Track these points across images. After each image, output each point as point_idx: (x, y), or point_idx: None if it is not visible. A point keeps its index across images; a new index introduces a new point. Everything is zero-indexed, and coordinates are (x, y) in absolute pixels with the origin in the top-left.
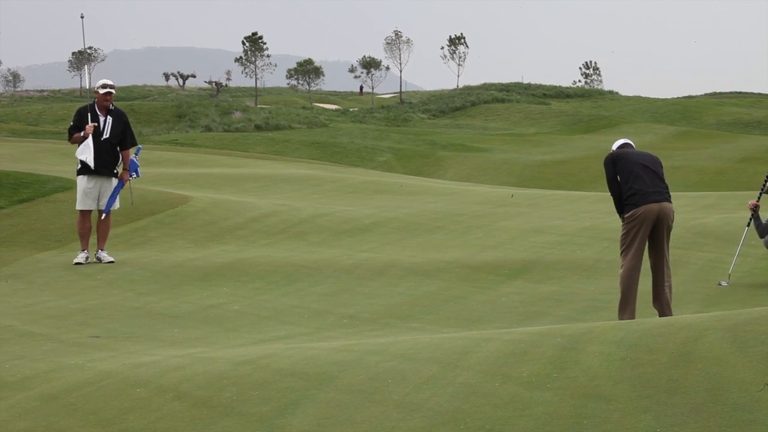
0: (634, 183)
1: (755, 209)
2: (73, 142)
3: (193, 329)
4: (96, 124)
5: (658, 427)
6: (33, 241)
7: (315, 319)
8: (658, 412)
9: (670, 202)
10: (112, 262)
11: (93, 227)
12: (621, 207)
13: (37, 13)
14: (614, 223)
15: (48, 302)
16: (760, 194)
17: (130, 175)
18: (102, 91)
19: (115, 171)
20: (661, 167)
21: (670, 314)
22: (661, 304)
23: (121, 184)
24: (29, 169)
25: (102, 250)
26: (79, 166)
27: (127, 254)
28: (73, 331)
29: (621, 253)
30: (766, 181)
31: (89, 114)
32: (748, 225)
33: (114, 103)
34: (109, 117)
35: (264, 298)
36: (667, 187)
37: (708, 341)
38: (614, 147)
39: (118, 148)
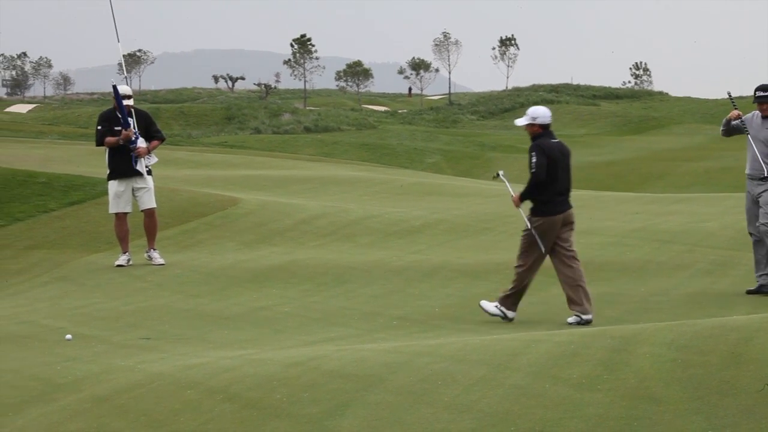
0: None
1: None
2: (107, 145)
3: (243, 331)
4: (134, 130)
5: (710, 428)
6: (83, 243)
7: (365, 321)
8: (709, 414)
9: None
10: (163, 264)
11: (132, 229)
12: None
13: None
14: (665, 224)
15: (98, 304)
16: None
17: (148, 158)
18: (123, 102)
19: (147, 168)
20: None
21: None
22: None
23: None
24: (79, 172)
25: (153, 249)
26: (109, 171)
27: (177, 256)
28: (123, 332)
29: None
30: (731, 99)
31: (116, 117)
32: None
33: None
34: (131, 119)
35: (313, 299)
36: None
37: (759, 342)
38: (537, 118)
39: (146, 143)
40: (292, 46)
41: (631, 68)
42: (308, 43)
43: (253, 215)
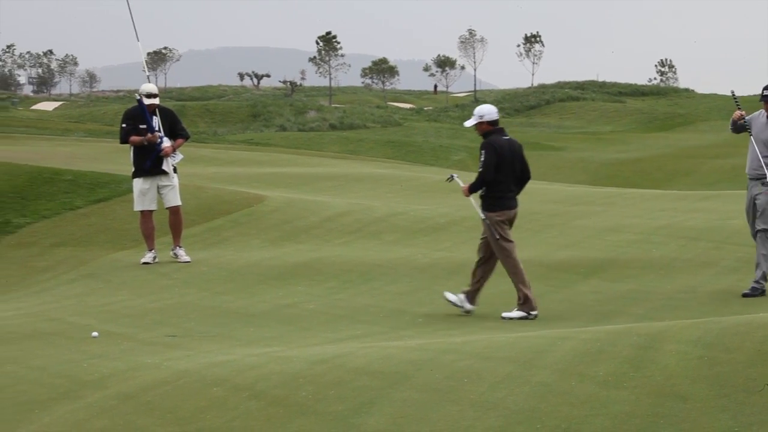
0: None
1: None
2: (131, 144)
3: (268, 328)
4: (160, 134)
5: (736, 426)
6: (109, 240)
7: (390, 318)
8: (736, 411)
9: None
10: (188, 262)
11: (157, 227)
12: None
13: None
14: (691, 221)
15: (124, 301)
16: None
17: (173, 157)
18: (147, 101)
19: (173, 166)
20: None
21: None
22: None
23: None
24: (105, 169)
25: (180, 246)
26: (134, 169)
27: (203, 253)
28: (149, 330)
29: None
30: (735, 98)
31: (141, 115)
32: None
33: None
34: (156, 117)
35: (339, 297)
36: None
37: None
38: (484, 116)
39: (170, 142)
40: (317, 43)
41: (656, 65)
42: (333, 40)
43: (279, 212)
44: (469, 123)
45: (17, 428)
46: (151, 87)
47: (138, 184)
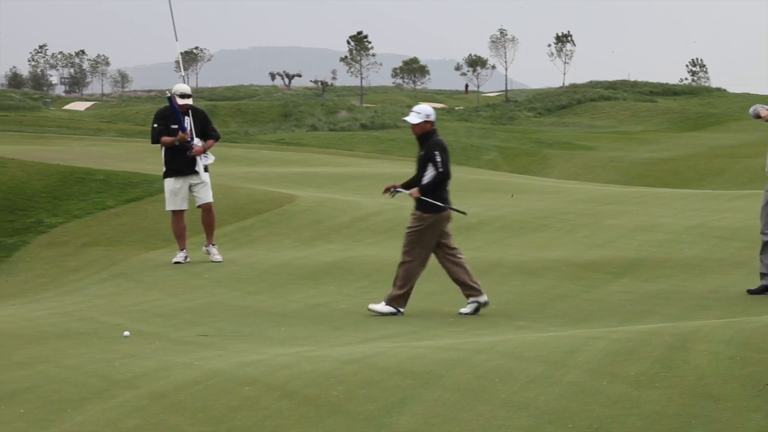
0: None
1: None
2: (163, 144)
3: (300, 328)
4: (189, 134)
5: None
6: (141, 240)
7: (421, 318)
8: None
9: None
10: (220, 261)
11: (189, 226)
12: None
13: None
14: (723, 221)
15: (156, 301)
16: None
17: (205, 157)
18: (181, 102)
19: (204, 166)
20: None
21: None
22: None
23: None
24: (137, 169)
25: (212, 245)
26: (165, 168)
27: (234, 253)
28: (181, 329)
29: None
30: None
31: (173, 115)
32: None
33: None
34: (188, 117)
35: (370, 296)
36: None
37: None
38: (430, 115)
39: (201, 142)
40: (348, 43)
41: (687, 65)
42: (365, 40)
43: (310, 212)
44: (416, 120)
45: (49, 427)
46: (184, 87)
47: (169, 183)
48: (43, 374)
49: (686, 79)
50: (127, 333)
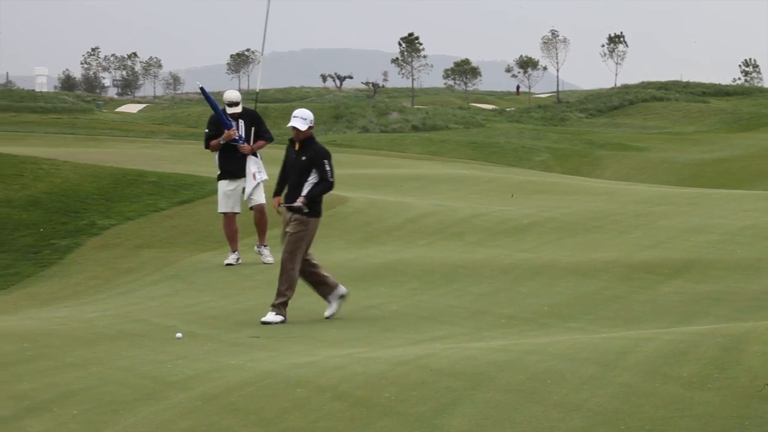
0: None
1: None
2: (213, 149)
3: (351, 329)
4: (236, 131)
5: None
6: (193, 242)
7: (473, 319)
8: None
9: None
10: (271, 263)
11: (240, 228)
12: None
13: (196, 16)
14: None
15: (208, 303)
16: None
17: (259, 173)
18: (229, 111)
19: (257, 181)
20: None
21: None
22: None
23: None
24: (189, 171)
25: (264, 246)
26: (219, 171)
27: None
28: (233, 331)
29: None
30: None
31: (216, 117)
32: None
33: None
34: (240, 120)
35: (422, 298)
36: None
37: None
38: (312, 120)
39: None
40: (399, 44)
41: (740, 65)
42: (416, 41)
43: (361, 214)
44: (304, 126)
45: (103, 428)
46: (233, 95)
47: (223, 186)
48: (97, 376)
49: (739, 79)
50: (179, 335)
